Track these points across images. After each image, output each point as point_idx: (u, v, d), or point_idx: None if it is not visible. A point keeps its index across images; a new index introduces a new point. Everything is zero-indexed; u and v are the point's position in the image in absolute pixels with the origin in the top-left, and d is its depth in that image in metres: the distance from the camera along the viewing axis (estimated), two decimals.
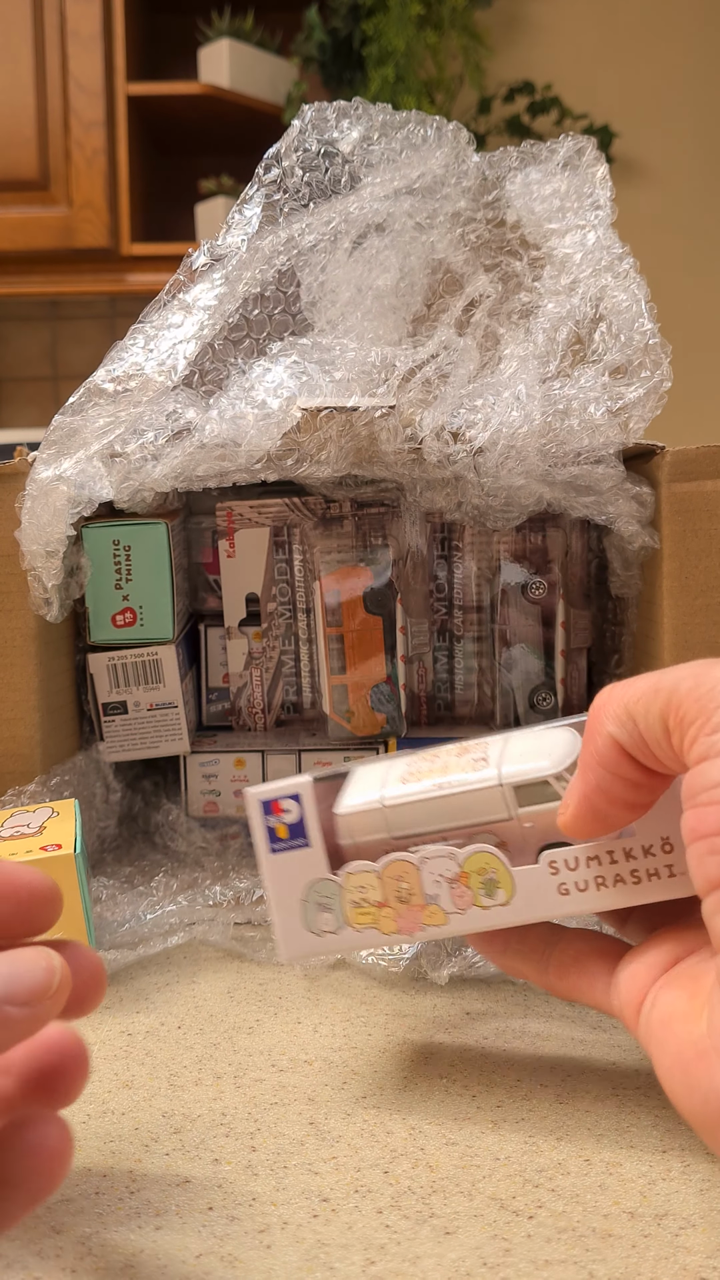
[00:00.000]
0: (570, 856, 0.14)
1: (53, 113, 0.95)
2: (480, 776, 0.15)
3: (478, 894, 0.15)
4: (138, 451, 0.23)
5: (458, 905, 0.15)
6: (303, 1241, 0.13)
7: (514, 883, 0.15)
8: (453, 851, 0.15)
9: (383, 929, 0.15)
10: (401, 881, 0.15)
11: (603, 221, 0.23)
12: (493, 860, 0.15)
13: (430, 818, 0.15)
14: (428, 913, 0.15)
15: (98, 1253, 0.13)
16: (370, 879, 0.15)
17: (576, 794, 0.14)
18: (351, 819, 0.16)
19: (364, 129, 0.25)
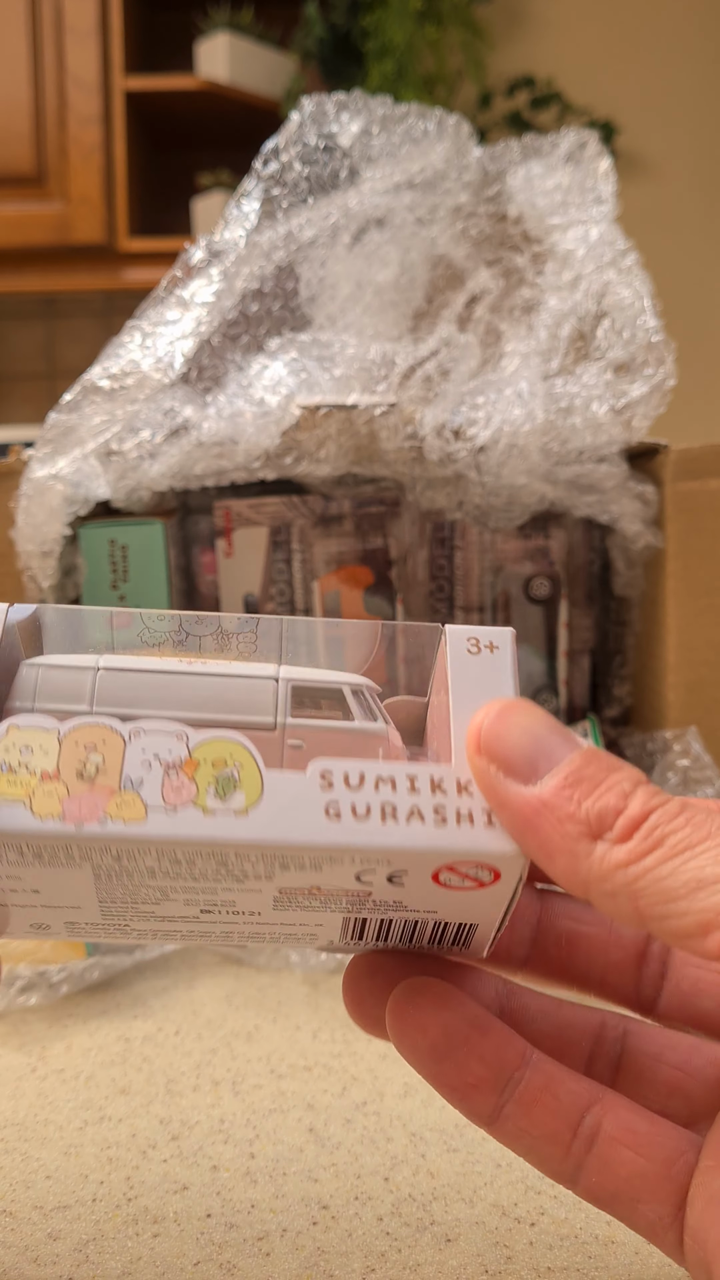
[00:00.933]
0: (354, 770, 0.09)
1: (49, 108, 0.94)
2: (250, 667, 0.10)
3: (203, 791, 0.09)
4: (134, 450, 0.23)
5: (168, 800, 0.09)
6: (302, 1249, 0.13)
7: (262, 788, 0.09)
8: (184, 730, 0.10)
9: (37, 808, 0.09)
10: (93, 752, 0.09)
11: (605, 216, 0.23)
12: (239, 752, 0.09)
13: (161, 698, 0.10)
14: (118, 800, 0.09)
15: (95, 1260, 0.13)
16: (44, 739, 0.09)
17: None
18: (44, 673, 0.10)
19: (364, 122, 0.25)
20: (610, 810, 0.09)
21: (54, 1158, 0.16)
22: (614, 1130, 0.10)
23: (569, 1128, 0.10)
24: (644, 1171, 0.10)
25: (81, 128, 0.96)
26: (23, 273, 0.99)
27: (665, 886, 0.08)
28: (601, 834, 0.09)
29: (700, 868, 0.08)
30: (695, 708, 0.23)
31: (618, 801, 0.09)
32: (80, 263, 0.99)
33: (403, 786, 0.10)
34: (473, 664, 0.10)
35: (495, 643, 0.10)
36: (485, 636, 0.10)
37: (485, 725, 0.10)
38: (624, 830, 0.09)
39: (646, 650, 0.25)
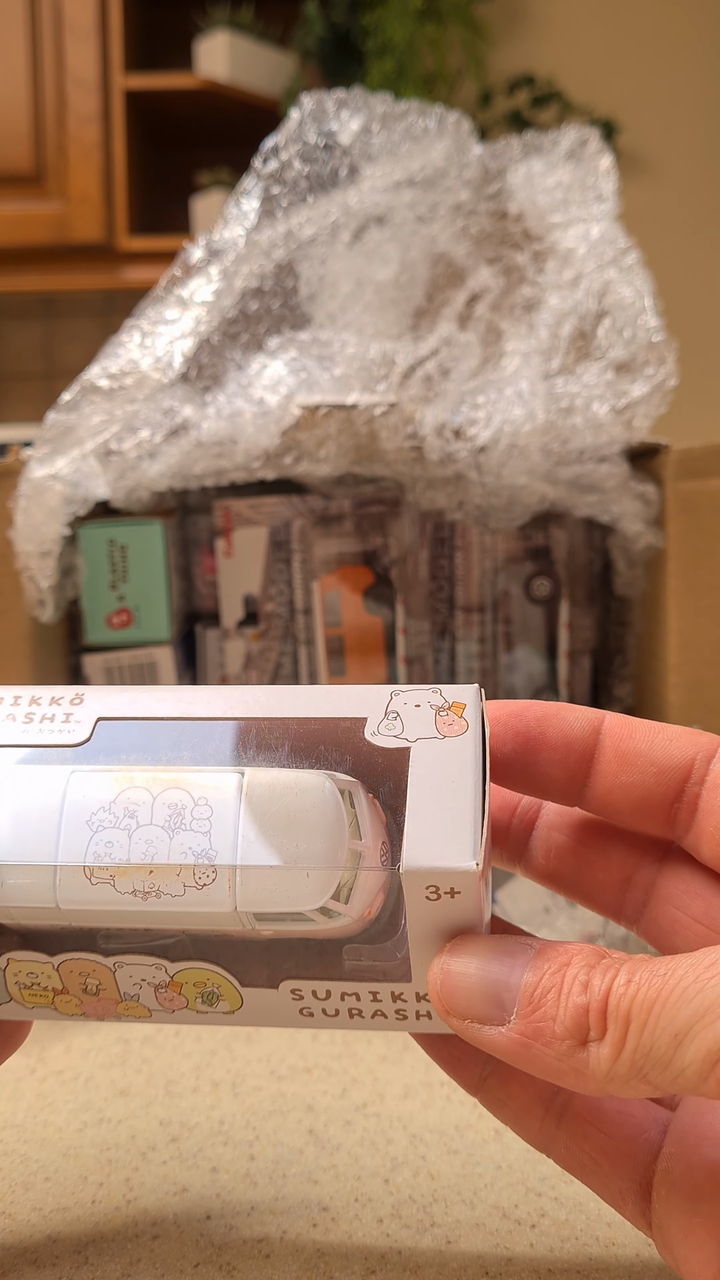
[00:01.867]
0: (320, 988, 0.11)
1: (48, 106, 0.94)
2: (203, 898, 0.10)
3: (193, 1001, 0.11)
4: (134, 450, 0.23)
5: (166, 1007, 0.11)
6: (302, 1251, 0.13)
7: (242, 1001, 0.11)
8: (160, 963, 0.11)
9: (61, 1009, 0.11)
10: (89, 978, 0.11)
11: (607, 214, 0.23)
12: (215, 977, 0.11)
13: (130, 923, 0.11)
14: (124, 1006, 0.11)
15: (94, 1262, 0.13)
16: (43, 969, 0.11)
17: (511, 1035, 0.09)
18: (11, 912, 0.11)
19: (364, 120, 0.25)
20: (581, 1010, 0.09)
21: (53, 1159, 0.15)
22: (580, 1107, 0.11)
23: (541, 1102, 0.11)
24: (606, 1147, 0.11)
25: (81, 126, 0.96)
26: (22, 272, 0.99)
27: (656, 1057, 0.08)
28: (585, 1038, 0.09)
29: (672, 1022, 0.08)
30: (697, 708, 0.23)
31: (581, 999, 0.09)
32: (79, 262, 0.99)
33: (365, 999, 0.11)
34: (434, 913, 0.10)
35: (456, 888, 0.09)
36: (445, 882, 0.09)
37: (440, 986, 0.10)
38: (598, 1025, 0.09)
39: (648, 650, 0.25)
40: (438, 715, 0.11)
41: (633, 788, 0.11)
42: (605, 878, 0.12)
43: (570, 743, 0.11)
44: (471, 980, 0.10)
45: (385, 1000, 0.11)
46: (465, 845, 0.10)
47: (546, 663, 0.26)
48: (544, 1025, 0.09)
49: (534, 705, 0.11)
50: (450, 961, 0.10)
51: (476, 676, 0.27)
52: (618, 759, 0.11)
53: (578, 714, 0.11)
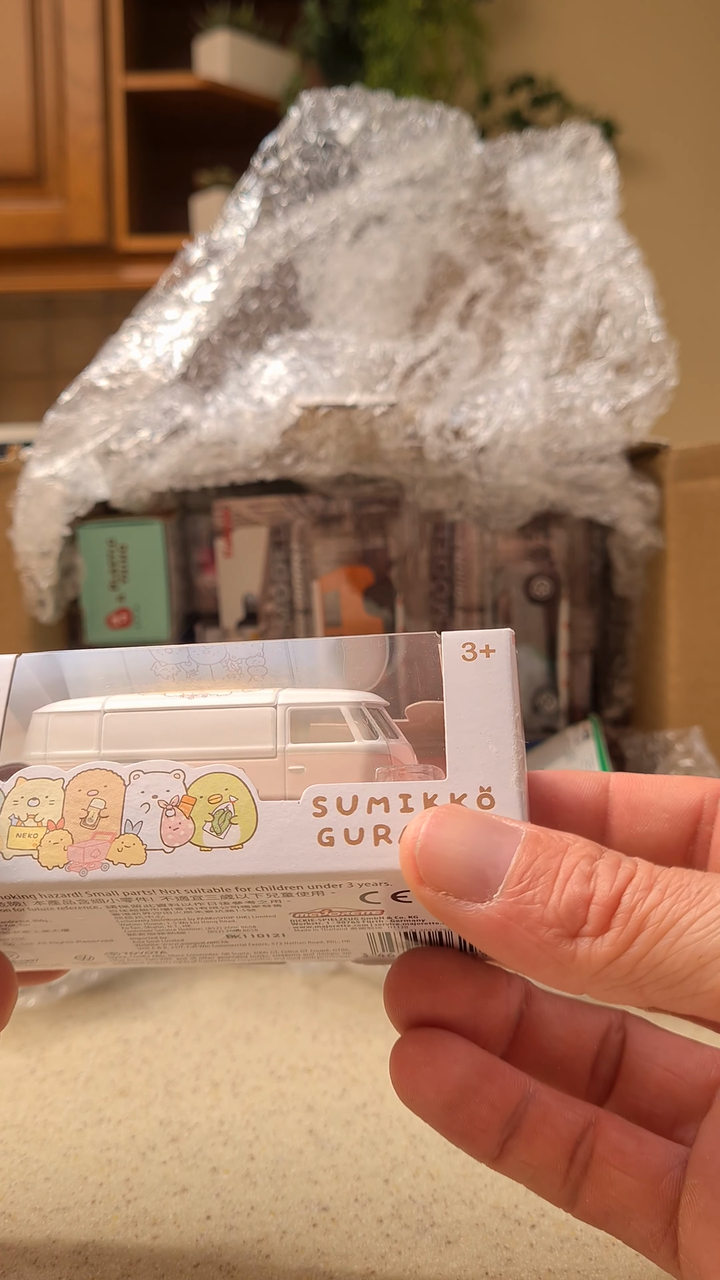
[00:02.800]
0: (346, 794, 0.10)
1: (48, 107, 0.94)
2: (248, 696, 0.10)
3: (200, 829, 0.10)
4: (133, 450, 0.23)
5: (166, 840, 0.10)
6: (302, 1251, 0.13)
7: (257, 820, 0.10)
8: (180, 768, 0.10)
9: (44, 859, 0.10)
10: (96, 797, 0.10)
11: (607, 214, 0.23)
12: (235, 785, 0.10)
13: (164, 736, 0.10)
14: (119, 844, 0.10)
15: (94, 1262, 0.13)
16: (50, 788, 0.10)
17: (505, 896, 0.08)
18: (52, 720, 0.11)
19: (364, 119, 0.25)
20: (578, 900, 0.08)
21: (53, 1159, 0.15)
22: (605, 1153, 0.10)
23: (566, 1156, 0.10)
24: (633, 1190, 0.10)
25: (80, 126, 0.96)
26: (21, 272, 0.99)
27: (664, 972, 0.08)
28: (578, 930, 0.08)
29: (697, 943, 0.08)
30: (697, 708, 0.23)
31: (582, 888, 0.08)
32: (79, 262, 0.99)
33: (395, 806, 0.10)
34: (469, 671, 0.10)
35: (491, 646, 0.10)
36: (481, 640, 0.10)
37: (417, 851, 0.09)
38: (600, 920, 0.08)
39: (648, 650, 0.25)
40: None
41: (648, 836, 0.11)
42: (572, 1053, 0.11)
43: (584, 803, 0.11)
44: (454, 848, 0.09)
45: (418, 808, 0.09)
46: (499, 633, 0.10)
47: (546, 663, 0.26)
48: (531, 908, 0.08)
49: (539, 775, 0.11)
50: (432, 826, 0.09)
51: None
52: (630, 811, 0.11)
53: (584, 776, 0.11)
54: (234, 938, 0.11)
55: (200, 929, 0.11)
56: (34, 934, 0.11)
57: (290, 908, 0.10)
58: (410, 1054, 0.10)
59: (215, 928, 0.11)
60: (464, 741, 0.10)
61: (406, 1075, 0.10)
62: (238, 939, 0.11)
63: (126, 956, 0.11)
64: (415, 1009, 0.11)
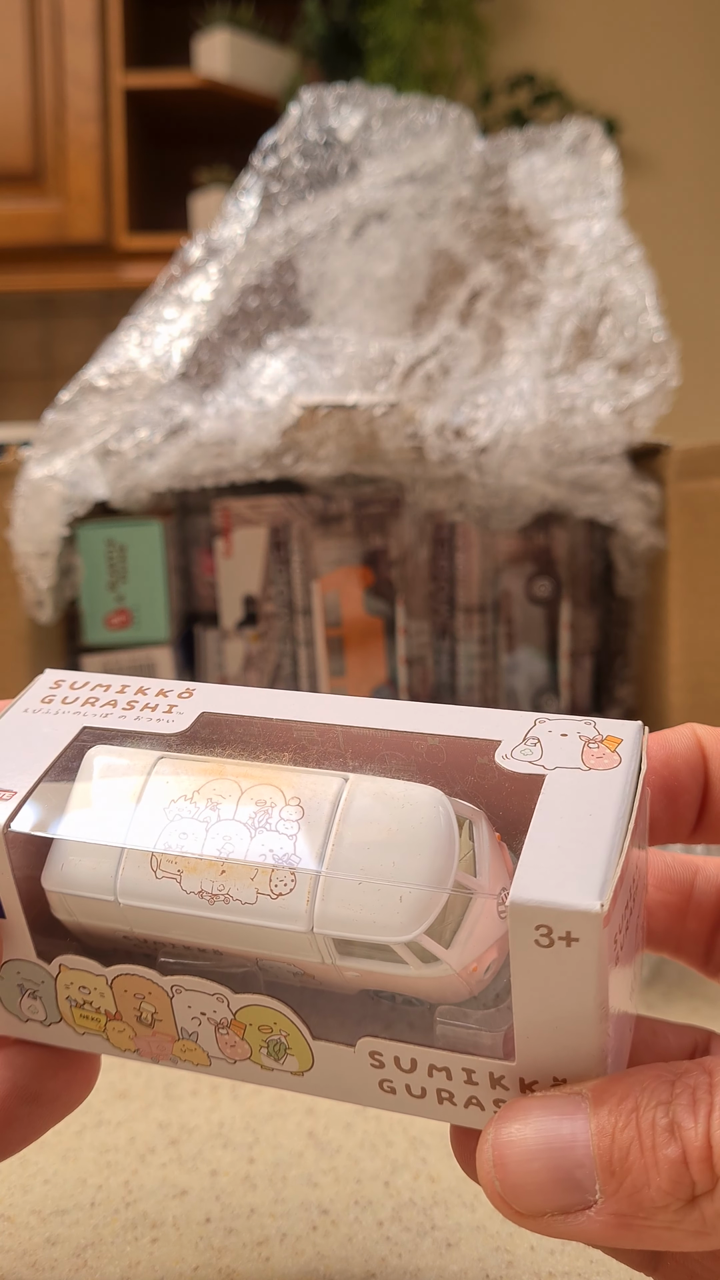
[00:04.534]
0: (405, 1055, 0.09)
1: (46, 105, 0.94)
2: (277, 909, 0.09)
3: (256, 1051, 0.09)
4: (132, 450, 0.23)
5: (227, 1054, 0.09)
6: (302, 1254, 0.13)
7: (313, 1056, 0.09)
8: (222, 993, 0.09)
9: (115, 1042, 0.10)
10: (144, 1002, 0.09)
11: (609, 211, 0.23)
12: (283, 1022, 0.09)
13: (194, 934, 0.09)
14: (180, 1047, 0.10)
15: (93, 1265, 0.13)
16: (96, 982, 0.10)
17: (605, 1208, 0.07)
18: (69, 901, 0.10)
19: (364, 115, 0.25)
20: (677, 1166, 0.07)
21: (52, 1162, 0.15)
22: None
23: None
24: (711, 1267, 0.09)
25: (79, 125, 0.95)
26: (20, 271, 0.99)
27: None
28: (693, 1195, 0.07)
29: None
30: (699, 709, 0.23)
31: (674, 1150, 0.07)
32: (78, 260, 0.98)
33: (459, 1078, 0.09)
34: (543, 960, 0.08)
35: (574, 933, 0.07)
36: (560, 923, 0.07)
37: (501, 1189, 0.08)
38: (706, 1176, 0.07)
39: (649, 651, 0.25)
40: (586, 746, 0.09)
41: None
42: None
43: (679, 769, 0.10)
44: (537, 1164, 0.08)
45: (482, 1084, 0.08)
46: (591, 883, 0.08)
47: (547, 664, 0.26)
48: (639, 1195, 0.07)
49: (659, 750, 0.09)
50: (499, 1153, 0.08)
51: (477, 677, 0.27)
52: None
53: (673, 735, 0.10)
54: None
55: None
56: None
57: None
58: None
59: None
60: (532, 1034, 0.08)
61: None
62: None
63: None
64: None
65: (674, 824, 0.10)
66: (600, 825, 0.08)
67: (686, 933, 0.11)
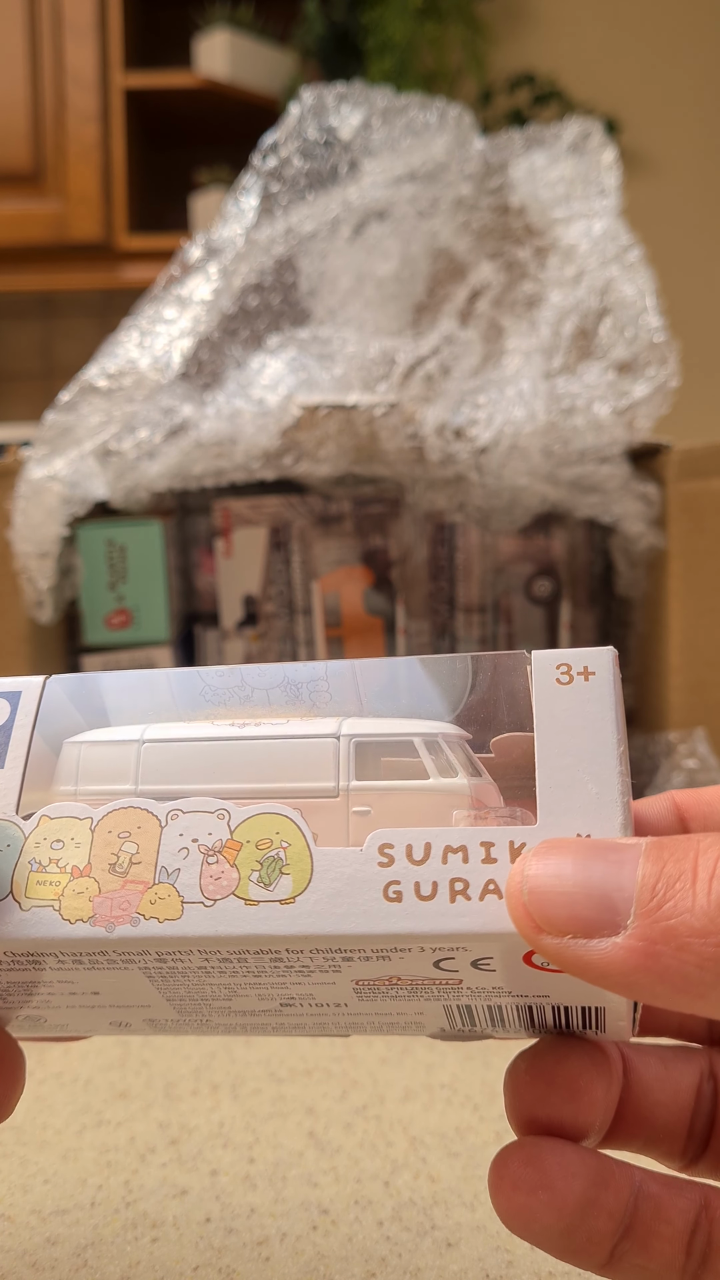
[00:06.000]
0: (418, 840, 0.08)
1: (47, 105, 0.94)
2: (307, 725, 0.09)
3: (245, 879, 0.08)
4: (133, 450, 0.23)
5: (206, 892, 0.08)
6: (302, 1254, 0.13)
7: (312, 869, 0.08)
8: (225, 808, 0.09)
9: (66, 911, 0.08)
10: (127, 840, 0.09)
11: (609, 210, 0.23)
12: (287, 828, 0.08)
13: (209, 770, 0.09)
14: (152, 895, 0.08)
15: (94, 1265, 0.13)
16: (77, 829, 0.09)
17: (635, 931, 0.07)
18: (85, 751, 0.09)
19: (364, 114, 0.25)
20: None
21: (52, 1162, 0.15)
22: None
23: (682, 1251, 0.09)
24: None
25: (79, 125, 0.95)
26: (20, 271, 0.99)
27: None
28: None
29: None
30: (698, 709, 0.23)
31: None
32: (78, 261, 0.99)
33: (476, 856, 0.08)
34: (564, 697, 0.08)
35: (591, 667, 0.08)
36: (579, 661, 0.08)
37: (526, 898, 0.07)
38: None
39: (649, 651, 0.25)
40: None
41: None
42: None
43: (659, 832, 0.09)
44: (567, 882, 0.07)
45: (503, 859, 0.08)
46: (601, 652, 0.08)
47: None
48: (676, 921, 0.07)
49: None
50: (534, 865, 0.07)
51: None
52: None
53: (649, 805, 0.09)
54: (289, 1006, 0.09)
55: (249, 995, 0.09)
56: (60, 997, 0.09)
57: (351, 974, 0.08)
58: (520, 1177, 0.08)
59: (266, 994, 0.09)
60: (558, 779, 0.08)
61: (519, 1204, 0.08)
62: (294, 1007, 0.09)
63: (168, 1025, 0.10)
64: (550, 1120, 0.09)
65: None
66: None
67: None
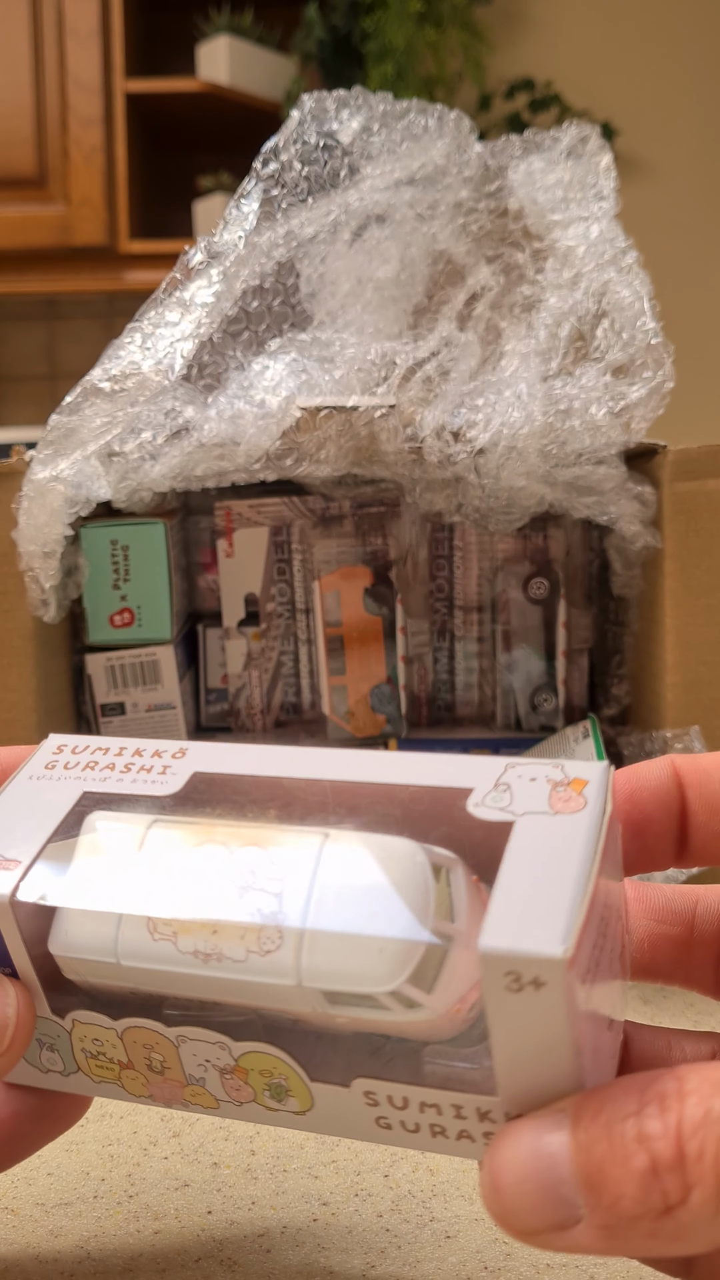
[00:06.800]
0: (397, 1094, 0.09)
1: (50, 110, 0.94)
2: (266, 966, 0.09)
3: (260, 1093, 0.10)
4: (135, 451, 0.23)
5: (233, 1098, 0.10)
6: (302, 1245, 0.13)
7: (312, 1098, 0.10)
8: (224, 1041, 0.10)
9: (129, 1089, 0.11)
10: (152, 1052, 0.10)
11: (606, 213, 0.23)
12: (282, 1067, 0.10)
13: (193, 990, 0.10)
14: (190, 1092, 0.10)
15: (96, 1256, 0.13)
16: (107, 1034, 0.10)
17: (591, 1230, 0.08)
18: (75, 964, 0.10)
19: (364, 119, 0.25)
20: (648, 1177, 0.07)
21: (55, 1155, 0.16)
22: None
23: None
24: None
25: (83, 130, 0.96)
26: (24, 274, 1.00)
27: None
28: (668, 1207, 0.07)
29: None
30: (693, 707, 0.23)
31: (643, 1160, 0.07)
32: (81, 264, 0.99)
33: (448, 1114, 0.09)
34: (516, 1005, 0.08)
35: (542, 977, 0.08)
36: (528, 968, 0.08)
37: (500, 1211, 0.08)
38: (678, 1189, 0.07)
39: (645, 650, 0.25)
40: (554, 790, 0.09)
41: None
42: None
43: (666, 807, 0.10)
44: (529, 1187, 0.08)
45: (471, 1118, 0.09)
46: (556, 929, 0.08)
47: (544, 662, 0.27)
48: (617, 1210, 0.07)
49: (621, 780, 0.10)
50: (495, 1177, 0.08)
51: (475, 676, 0.27)
52: (707, 811, 0.10)
53: (648, 769, 0.10)
54: None
55: None
56: None
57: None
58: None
59: None
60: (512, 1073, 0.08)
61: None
62: None
63: None
64: None
65: (645, 855, 0.10)
66: (565, 870, 0.09)
67: (693, 962, 0.11)
